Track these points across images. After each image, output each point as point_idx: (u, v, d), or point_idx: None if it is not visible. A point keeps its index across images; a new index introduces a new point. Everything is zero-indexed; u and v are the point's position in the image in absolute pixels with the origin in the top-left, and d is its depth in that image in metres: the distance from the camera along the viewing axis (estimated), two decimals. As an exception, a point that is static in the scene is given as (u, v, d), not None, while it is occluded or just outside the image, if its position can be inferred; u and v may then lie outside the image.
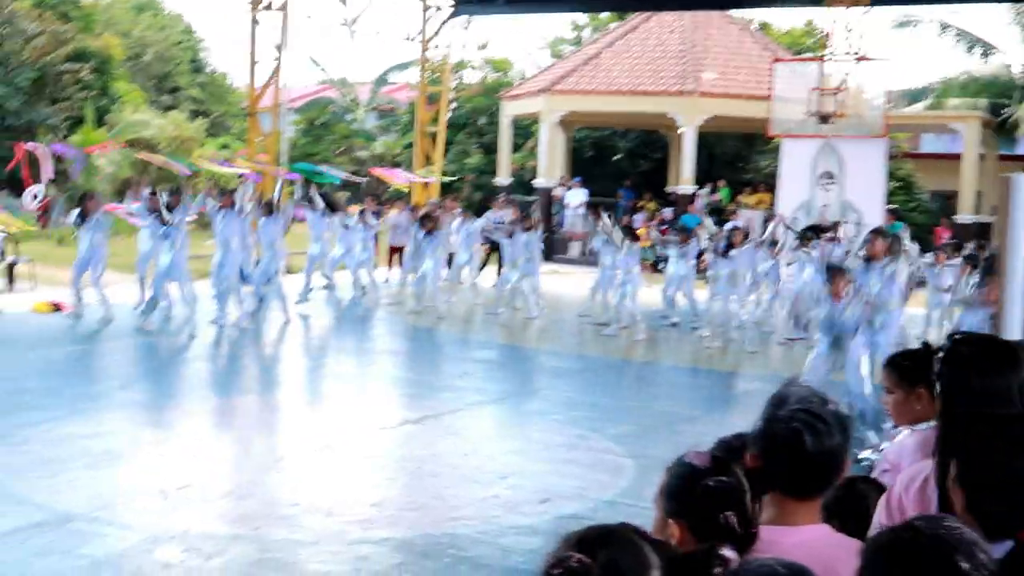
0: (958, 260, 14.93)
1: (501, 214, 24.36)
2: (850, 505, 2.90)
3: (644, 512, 7.21)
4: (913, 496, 2.63)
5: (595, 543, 1.82)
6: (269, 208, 15.78)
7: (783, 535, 2.38)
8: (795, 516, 2.46)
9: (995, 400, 2.56)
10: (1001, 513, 2.17)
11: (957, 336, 2.93)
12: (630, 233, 15.98)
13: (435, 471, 8.09)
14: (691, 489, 2.29)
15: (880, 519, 2.69)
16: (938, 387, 2.77)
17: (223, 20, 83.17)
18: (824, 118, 20.01)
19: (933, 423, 3.68)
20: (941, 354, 2.82)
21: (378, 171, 23.89)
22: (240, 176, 19.41)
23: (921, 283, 12.41)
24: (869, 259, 11.05)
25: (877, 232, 11.88)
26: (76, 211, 14.93)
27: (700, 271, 16.74)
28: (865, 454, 8.51)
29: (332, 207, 17.41)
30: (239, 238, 14.94)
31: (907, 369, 3.78)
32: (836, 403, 2.56)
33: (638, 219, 27.60)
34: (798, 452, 2.42)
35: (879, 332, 10.37)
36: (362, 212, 18.52)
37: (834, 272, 10.01)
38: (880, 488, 3.07)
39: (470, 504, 7.24)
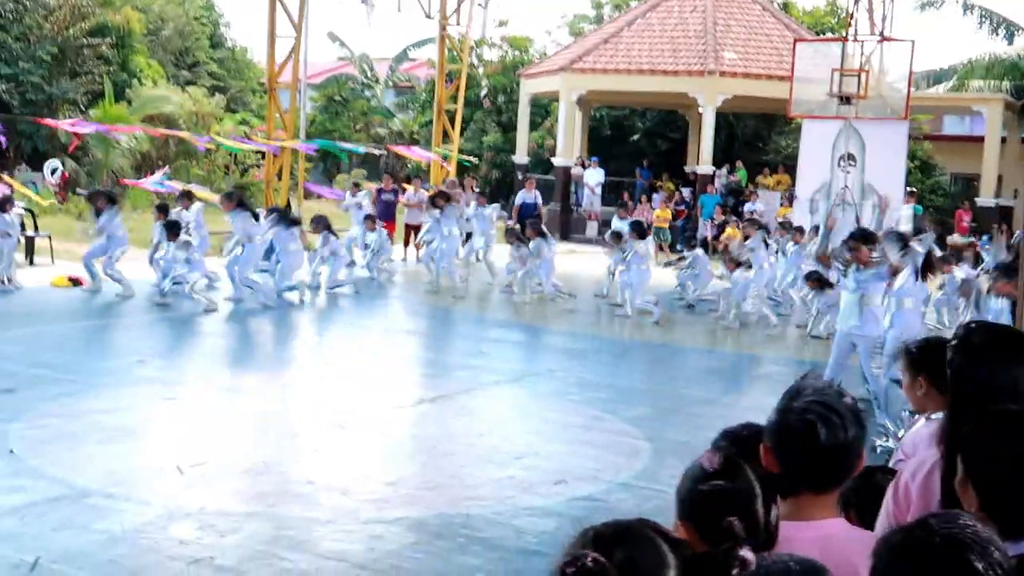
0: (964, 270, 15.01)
1: (533, 193, 24.30)
2: (868, 496, 2.88)
3: (659, 495, 7.19)
4: (919, 485, 2.61)
5: (611, 541, 1.76)
6: (286, 219, 15.59)
7: (799, 530, 2.36)
8: (811, 510, 2.44)
9: (1004, 393, 2.51)
10: (1016, 511, 2.14)
11: (971, 325, 2.90)
12: (638, 229, 15.73)
13: (450, 451, 8.10)
14: (697, 492, 2.23)
15: (888, 507, 2.67)
16: (949, 376, 2.73)
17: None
18: (845, 99, 19.85)
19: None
20: (954, 342, 2.77)
21: (397, 148, 23.86)
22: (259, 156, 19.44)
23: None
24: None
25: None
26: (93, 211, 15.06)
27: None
28: (881, 442, 8.48)
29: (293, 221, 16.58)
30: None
31: (912, 356, 3.80)
32: (852, 396, 2.53)
33: (656, 200, 27.49)
34: (812, 445, 2.40)
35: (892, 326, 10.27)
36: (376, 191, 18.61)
37: (857, 239, 9.88)
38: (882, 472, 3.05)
39: (485, 484, 7.25)
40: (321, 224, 16.21)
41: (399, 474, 7.45)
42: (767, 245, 15.96)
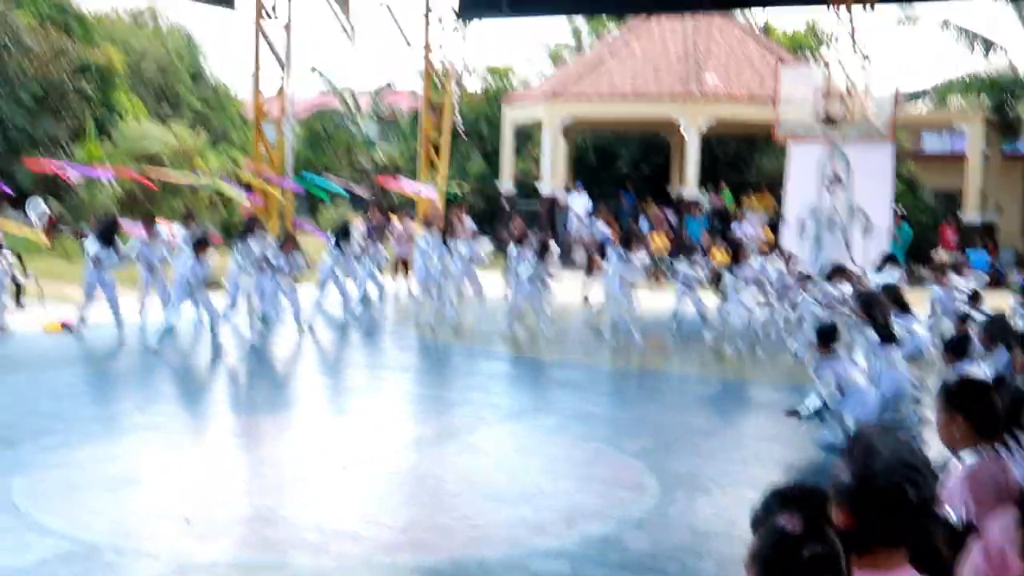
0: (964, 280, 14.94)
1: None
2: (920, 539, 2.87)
3: (672, 530, 7.12)
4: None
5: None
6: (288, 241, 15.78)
7: None
8: (888, 560, 2.42)
9: None
10: None
11: None
12: (626, 243, 15.83)
13: (458, 491, 8.05)
14: (788, 559, 2.16)
15: (978, 566, 2.66)
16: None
17: (225, 30, 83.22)
18: (830, 120, 19.97)
19: (978, 457, 3.65)
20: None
21: (386, 181, 23.83)
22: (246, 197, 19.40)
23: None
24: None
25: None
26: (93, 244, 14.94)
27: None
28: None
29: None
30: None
31: (952, 394, 3.79)
32: (917, 444, 2.53)
33: (644, 225, 27.52)
34: (902, 507, 2.38)
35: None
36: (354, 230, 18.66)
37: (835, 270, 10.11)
38: (944, 522, 3.00)
39: (495, 525, 7.20)
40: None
41: (408, 517, 7.40)
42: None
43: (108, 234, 14.72)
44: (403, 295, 20.75)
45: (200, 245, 13.72)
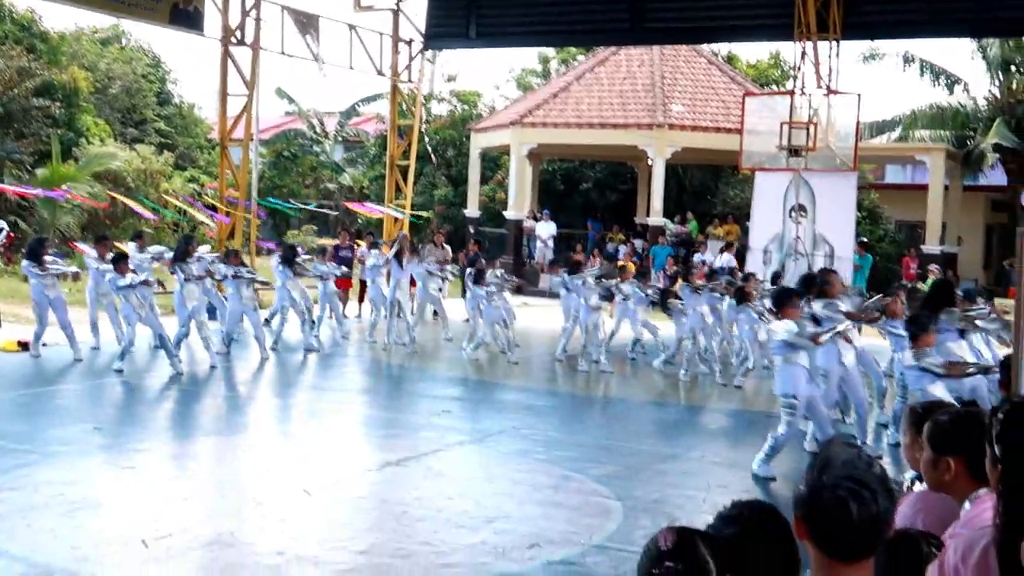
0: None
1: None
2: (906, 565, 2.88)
3: (635, 557, 7.11)
4: (974, 566, 2.59)
5: None
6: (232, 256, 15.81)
7: None
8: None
9: None
10: None
11: (1017, 401, 2.86)
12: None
13: (421, 515, 7.98)
14: (650, 574, 2.28)
15: None
16: (998, 452, 2.68)
17: (191, 51, 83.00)
18: (795, 151, 20.15)
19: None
20: (1000, 416, 2.72)
21: (352, 205, 23.79)
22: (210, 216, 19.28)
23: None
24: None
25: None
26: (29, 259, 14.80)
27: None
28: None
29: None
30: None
31: (916, 418, 3.67)
32: (880, 464, 2.52)
33: (622, 252, 27.66)
34: (844, 520, 2.41)
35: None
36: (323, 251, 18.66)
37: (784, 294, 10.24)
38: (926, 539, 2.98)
39: (458, 550, 7.13)
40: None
41: (370, 542, 7.32)
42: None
43: (33, 252, 14.80)
44: (366, 318, 20.69)
45: (118, 262, 13.84)
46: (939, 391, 8.69)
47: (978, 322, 11.20)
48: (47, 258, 15.10)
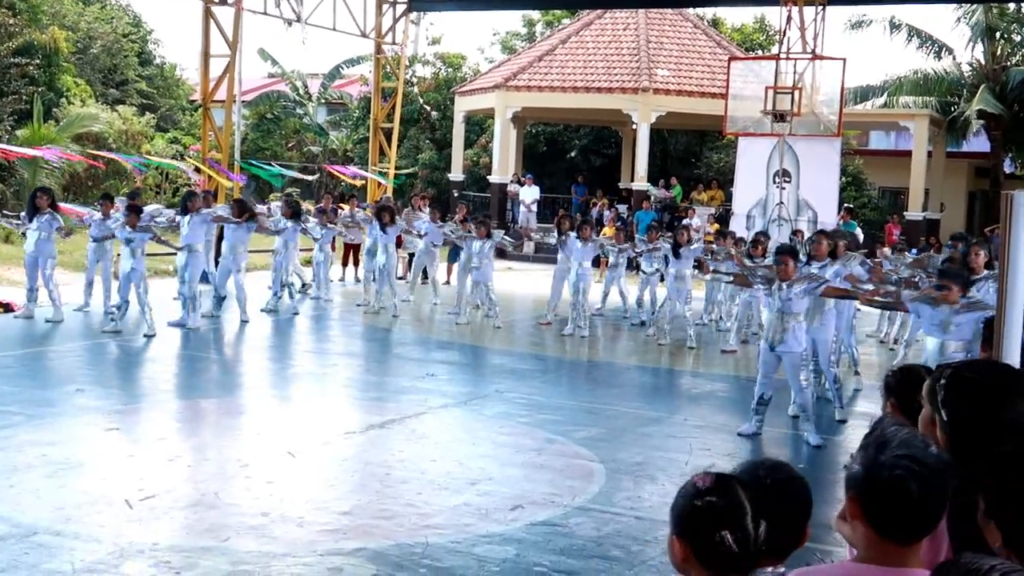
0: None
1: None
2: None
3: (617, 518, 7.18)
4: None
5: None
6: (241, 210, 15.53)
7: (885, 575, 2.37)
8: (897, 559, 2.40)
9: (1010, 431, 2.51)
10: None
11: (959, 364, 2.88)
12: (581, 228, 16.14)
13: (404, 477, 8.01)
14: (691, 507, 2.37)
15: None
16: (944, 416, 2.70)
17: (173, 11, 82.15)
18: (779, 116, 20.15)
19: None
20: (942, 381, 2.74)
21: (332, 168, 23.69)
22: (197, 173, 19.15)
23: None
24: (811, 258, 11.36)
25: (822, 233, 12.16)
26: (26, 208, 14.72)
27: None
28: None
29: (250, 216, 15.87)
30: (203, 242, 15.07)
31: (887, 381, 3.77)
32: (937, 446, 2.48)
33: (607, 216, 27.63)
34: (903, 501, 2.34)
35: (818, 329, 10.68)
36: (320, 211, 18.52)
37: (785, 255, 10.10)
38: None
39: (442, 512, 7.18)
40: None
41: (354, 503, 7.35)
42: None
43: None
44: (350, 281, 20.72)
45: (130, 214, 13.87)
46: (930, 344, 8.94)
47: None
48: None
